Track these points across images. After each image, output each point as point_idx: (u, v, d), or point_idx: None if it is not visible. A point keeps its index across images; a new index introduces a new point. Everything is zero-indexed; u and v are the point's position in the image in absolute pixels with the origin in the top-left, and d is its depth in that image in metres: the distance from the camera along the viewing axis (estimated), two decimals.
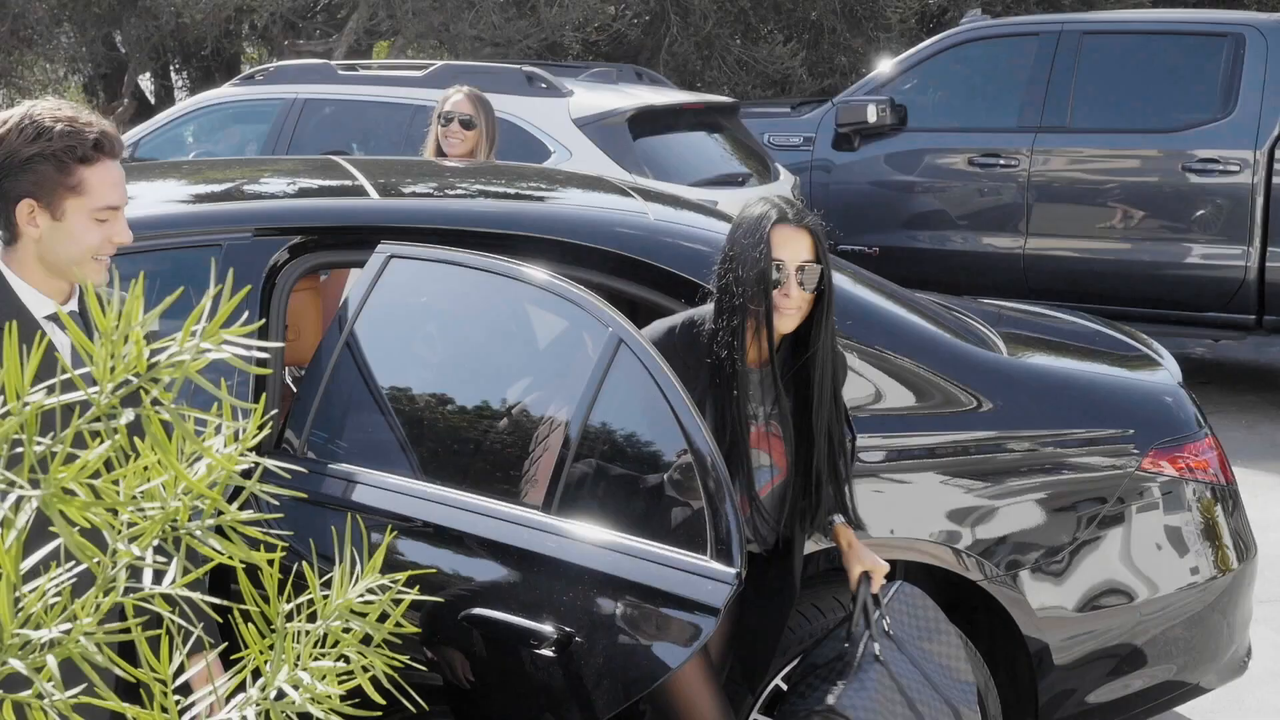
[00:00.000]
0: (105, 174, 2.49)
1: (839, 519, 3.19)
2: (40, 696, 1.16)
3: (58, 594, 1.19)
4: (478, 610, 2.95)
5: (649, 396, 3.00)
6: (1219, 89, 8.10)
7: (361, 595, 1.33)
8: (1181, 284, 8.09)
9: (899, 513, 3.58)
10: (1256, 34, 8.06)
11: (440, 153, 5.45)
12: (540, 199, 4.29)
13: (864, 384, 3.58)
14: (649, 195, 4.29)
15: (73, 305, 2.53)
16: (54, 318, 2.49)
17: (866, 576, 3.14)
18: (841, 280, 3.98)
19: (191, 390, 2.12)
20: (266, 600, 1.31)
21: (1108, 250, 8.31)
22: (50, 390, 1.14)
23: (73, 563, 1.22)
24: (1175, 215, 8.14)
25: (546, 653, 2.85)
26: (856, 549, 3.17)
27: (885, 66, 9.46)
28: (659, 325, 3.16)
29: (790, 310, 2.98)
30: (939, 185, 8.81)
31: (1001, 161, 8.56)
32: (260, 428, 1.25)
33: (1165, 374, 4.09)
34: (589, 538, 2.94)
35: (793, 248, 2.94)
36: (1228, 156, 7.96)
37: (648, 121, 7.43)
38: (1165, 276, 8.10)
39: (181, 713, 1.28)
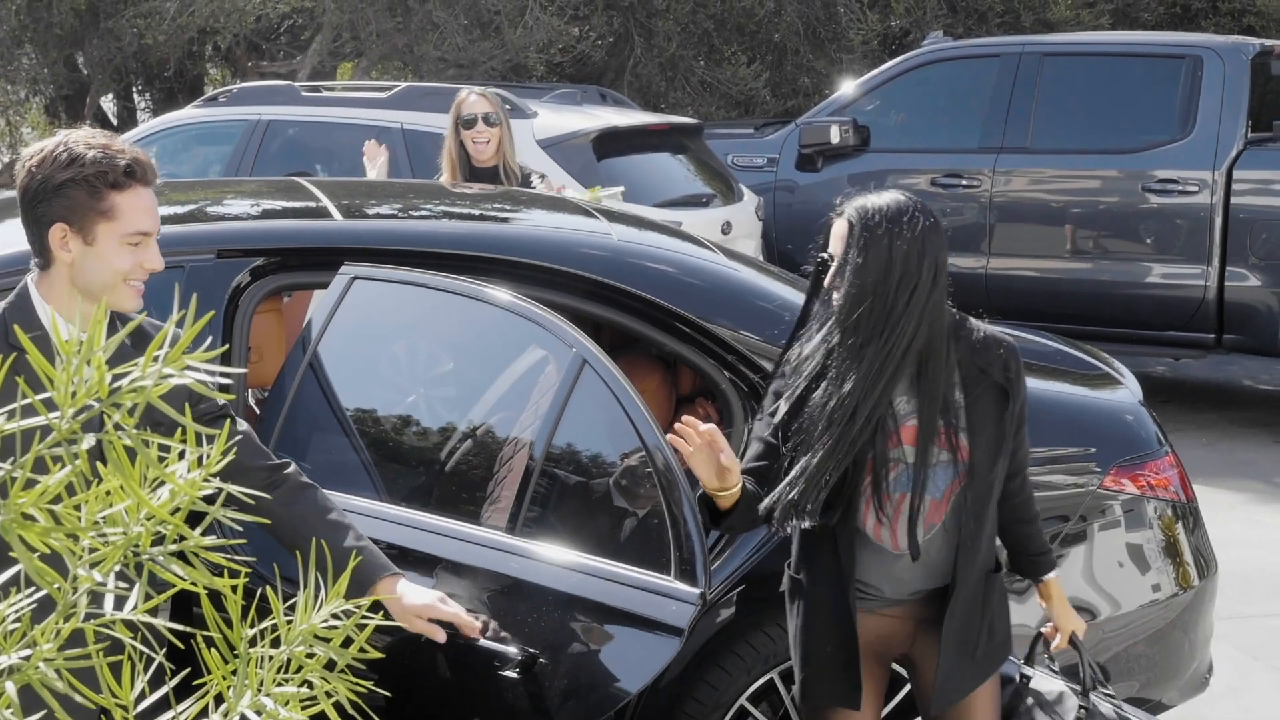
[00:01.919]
0: (137, 200, 2.55)
1: (1053, 574, 3.11)
2: None
3: (17, 620, 1.18)
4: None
5: (613, 417, 3.00)
6: (1177, 110, 8.18)
7: (325, 620, 1.32)
8: (1142, 303, 8.15)
9: None
10: (1214, 56, 8.15)
11: (465, 159, 5.41)
12: (504, 220, 4.30)
13: None
14: (613, 216, 4.30)
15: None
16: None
17: (1075, 636, 3.15)
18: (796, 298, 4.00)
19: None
20: (230, 625, 1.30)
21: (1069, 270, 8.37)
22: (10, 415, 1.13)
23: (33, 588, 1.21)
24: (1135, 235, 8.21)
25: (511, 674, 2.84)
26: (1068, 605, 3.15)
27: (848, 88, 9.51)
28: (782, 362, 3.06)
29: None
30: None
31: (964, 182, 8.61)
32: (224, 453, 1.25)
33: (1126, 393, 4.12)
34: (554, 559, 2.94)
35: (835, 240, 2.93)
36: (1186, 177, 8.03)
37: (612, 143, 7.45)
38: (1126, 296, 8.16)
39: None
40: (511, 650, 2.84)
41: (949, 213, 8.64)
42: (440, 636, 2.74)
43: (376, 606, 1.38)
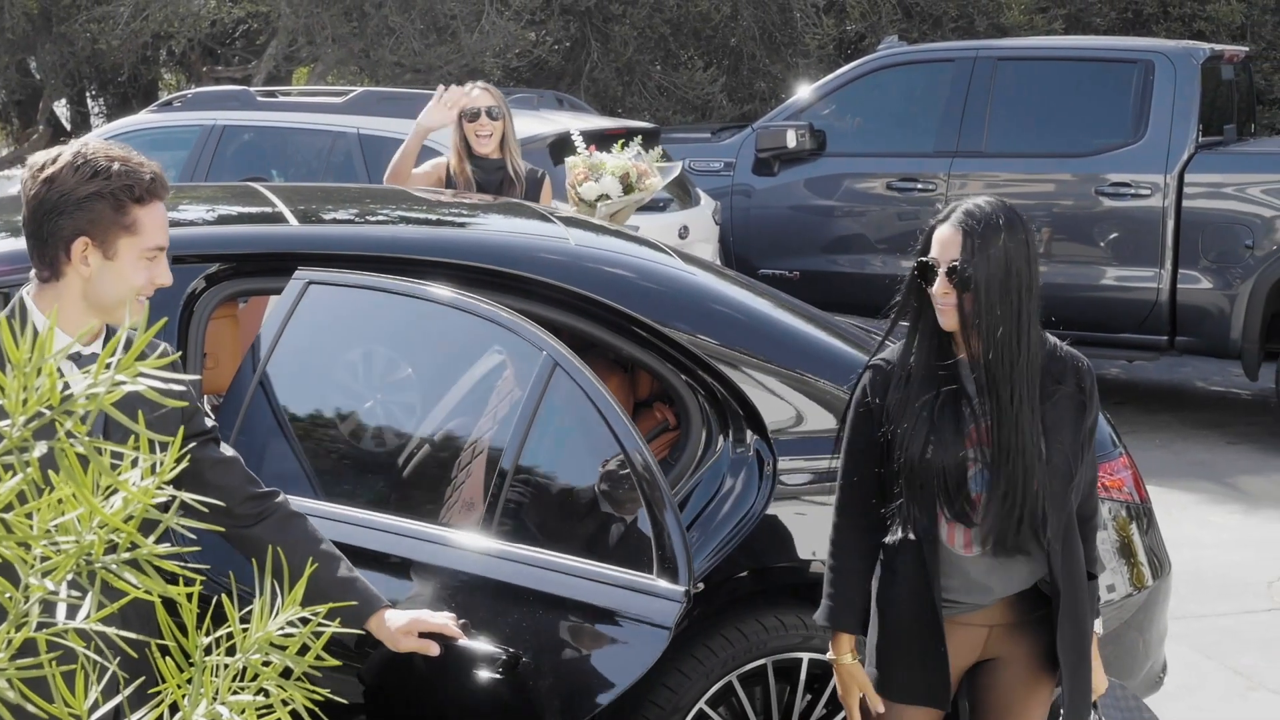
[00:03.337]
0: (156, 214, 2.51)
1: (1096, 624, 3.09)
2: None
3: None
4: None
5: (587, 418, 3.02)
6: (1130, 114, 8.25)
7: (281, 628, 1.32)
8: (1096, 306, 8.22)
9: (823, 535, 3.60)
10: (1165, 61, 8.23)
11: (469, 153, 5.46)
12: (462, 225, 4.29)
13: (786, 407, 3.61)
14: (570, 221, 4.30)
15: (96, 348, 2.50)
16: (74, 357, 2.45)
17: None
18: (761, 304, 4.01)
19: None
20: (185, 633, 1.29)
21: None
22: None
23: None
24: (1089, 238, 8.27)
25: (495, 674, 2.86)
26: (1099, 663, 3.13)
27: (804, 92, 9.55)
28: (854, 388, 3.07)
29: (945, 308, 2.89)
30: (858, 209, 8.89)
31: (919, 186, 8.66)
32: (177, 460, 1.24)
33: None
34: (533, 560, 2.96)
35: (944, 248, 2.91)
36: (1139, 180, 8.10)
37: (569, 147, 7.44)
38: (1080, 299, 8.22)
39: None
40: (495, 650, 2.86)
41: (904, 217, 8.68)
42: (434, 650, 2.75)
43: (333, 614, 1.37)
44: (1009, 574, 2.95)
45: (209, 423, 2.70)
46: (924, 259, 2.93)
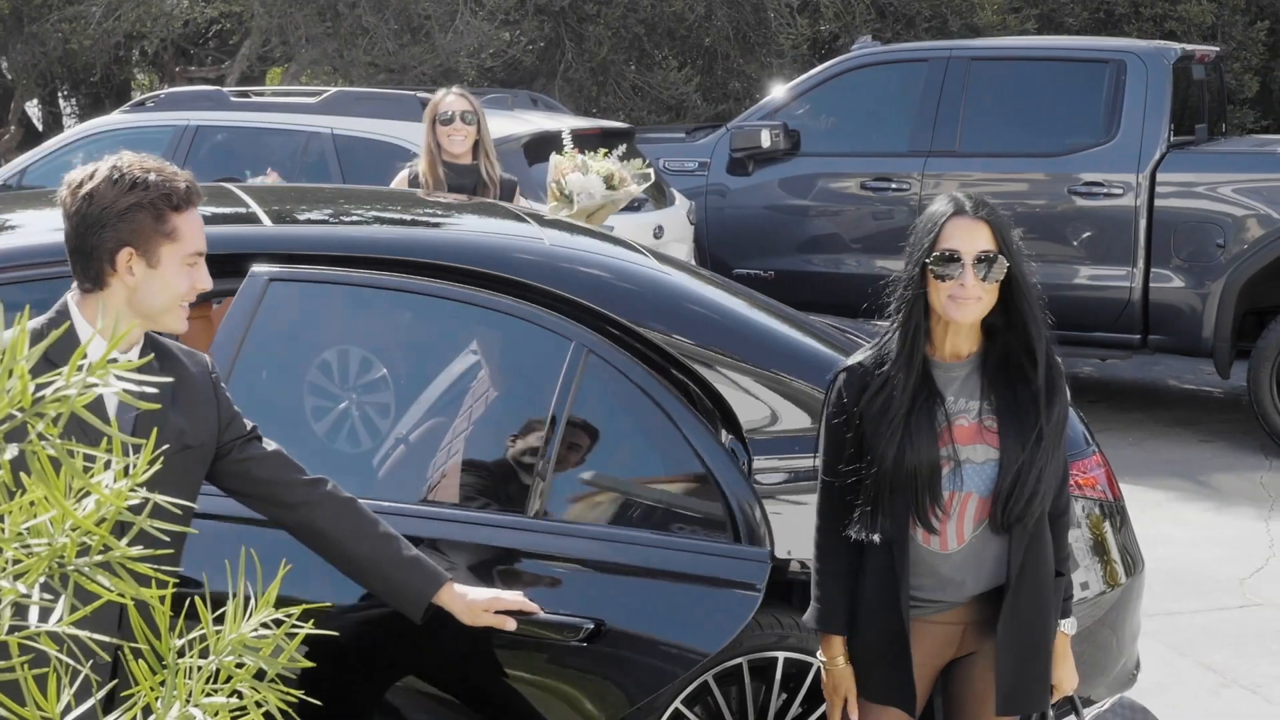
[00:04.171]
0: (194, 221, 2.61)
1: (1066, 625, 3.10)
2: None
3: None
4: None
5: (629, 399, 3.29)
6: (1102, 114, 8.28)
7: (255, 630, 1.32)
8: (1069, 304, 8.24)
9: (796, 534, 3.61)
10: (1137, 60, 8.27)
11: (439, 157, 5.47)
12: (436, 225, 4.28)
13: (760, 406, 3.61)
14: (545, 221, 4.30)
15: (133, 355, 2.59)
16: (113, 361, 2.47)
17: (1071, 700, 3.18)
18: (736, 304, 4.02)
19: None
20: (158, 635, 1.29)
21: None
22: None
23: None
24: (1062, 237, 8.30)
25: (577, 644, 3.04)
26: (1070, 661, 3.14)
27: (778, 92, 9.56)
28: (829, 392, 3.07)
29: (967, 300, 2.88)
30: (832, 209, 8.91)
31: (893, 185, 8.68)
32: (150, 462, 1.24)
33: None
34: (604, 535, 3.22)
35: (969, 238, 2.90)
36: (1111, 180, 8.14)
37: (543, 147, 7.44)
38: (1053, 297, 8.17)
39: None
40: (577, 620, 3.04)
41: (879, 216, 8.70)
42: (510, 625, 2.89)
43: (306, 615, 1.37)
44: (981, 568, 2.97)
45: (249, 424, 2.79)
46: (945, 252, 2.89)
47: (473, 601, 2.86)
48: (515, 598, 2.93)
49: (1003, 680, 2.95)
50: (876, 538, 2.92)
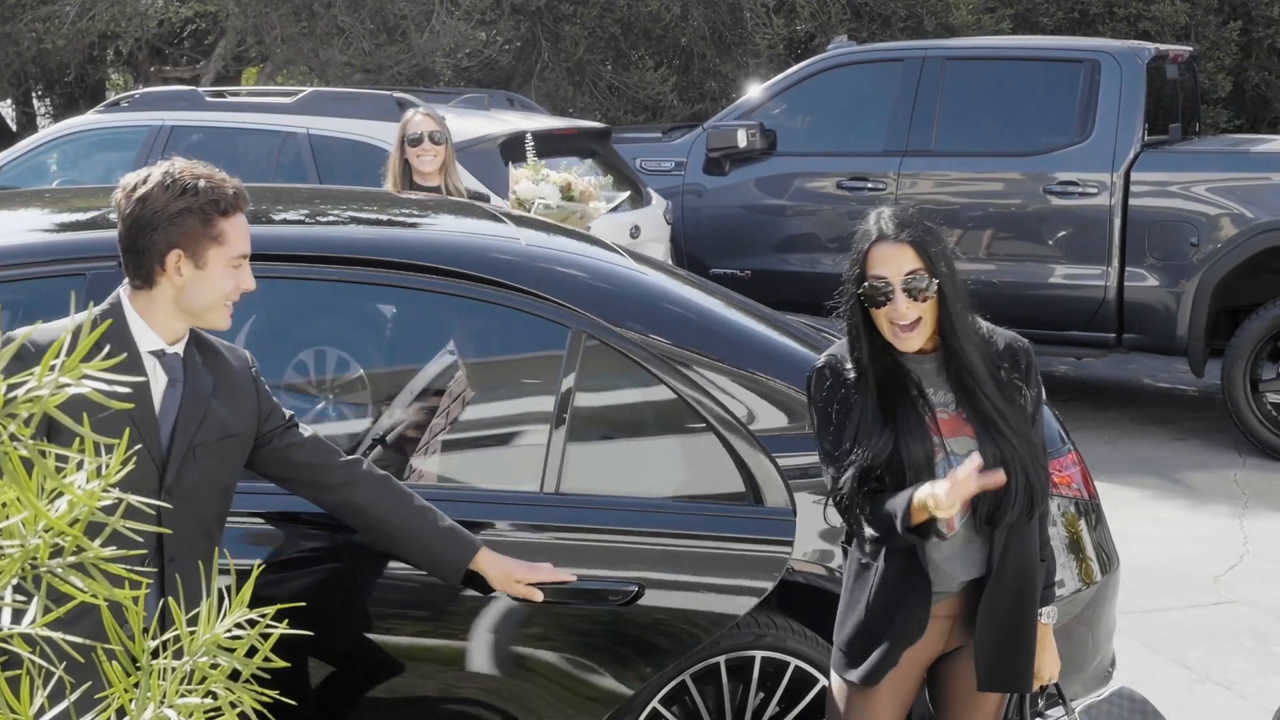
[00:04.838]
0: (239, 225, 2.76)
1: (1046, 614, 3.11)
2: None
3: None
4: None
5: (635, 378, 3.45)
6: (1077, 114, 8.32)
7: (229, 630, 1.31)
8: (1044, 304, 8.28)
9: None
10: (1111, 60, 8.30)
11: (408, 177, 5.47)
12: (412, 225, 4.27)
13: (737, 405, 3.61)
14: (521, 221, 4.30)
15: (178, 349, 2.77)
16: (158, 354, 2.73)
17: (1057, 687, 3.20)
18: (713, 304, 4.02)
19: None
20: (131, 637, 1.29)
21: (973, 271, 8.46)
22: None
23: None
24: (1037, 237, 8.33)
25: (619, 608, 3.23)
26: (1052, 649, 3.17)
27: (755, 92, 9.57)
28: (810, 378, 3.10)
29: (910, 333, 2.91)
30: (808, 209, 8.92)
31: (869, 185, 8.70)
32: (124, 463, 1.23)
33: None
34: (630, 504, 3.39)
35: (894, 263, 2.90)
36: (1086, 179, 8.17)
37: (520, 148, 7.43)
38: (1028, 296, 8.28)
39: None
40: (614, 585, 3.23)
41: (855, 216, 8.68)
42: (538, 597, 3.11)
43: (280, 615, 1.37)
44: (969, 556, 3.01)
45: (287, 412, 2.96)
46: (872, 280, 2.92)
47: (508, 571, 3.07)
48: (548, 569, 3.12)
49: (984, 657, 2.98)
50: (873, 532, 2.98)
